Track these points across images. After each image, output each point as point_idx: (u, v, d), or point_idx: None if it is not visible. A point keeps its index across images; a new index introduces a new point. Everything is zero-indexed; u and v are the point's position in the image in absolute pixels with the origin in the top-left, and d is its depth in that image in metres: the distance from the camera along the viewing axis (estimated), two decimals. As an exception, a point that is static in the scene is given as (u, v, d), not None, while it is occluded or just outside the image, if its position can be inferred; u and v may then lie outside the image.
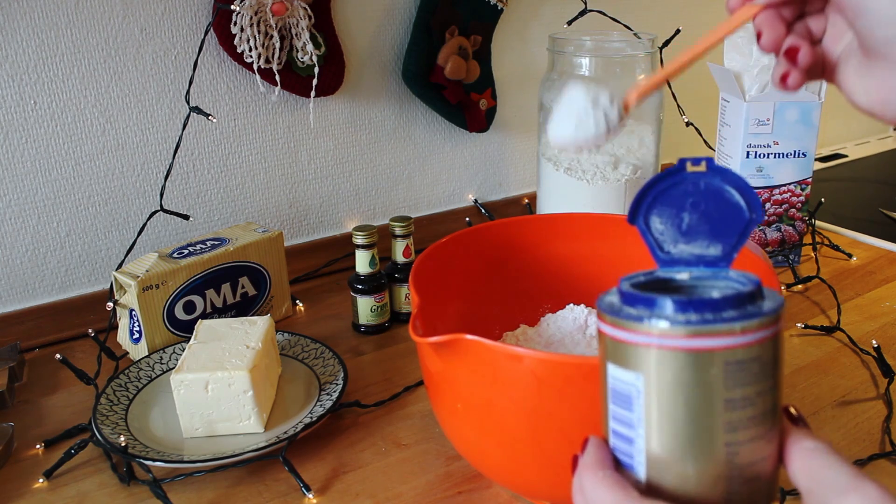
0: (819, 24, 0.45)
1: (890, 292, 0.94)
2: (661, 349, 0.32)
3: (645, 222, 0.38)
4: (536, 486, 0.54)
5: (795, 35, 0.44)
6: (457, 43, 1.02)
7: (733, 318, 0.31)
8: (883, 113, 0.42)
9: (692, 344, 0.31)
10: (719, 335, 0.31)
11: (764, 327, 0.32)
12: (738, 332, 0.31)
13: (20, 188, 0.84)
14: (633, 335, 0.32)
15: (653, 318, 0.32)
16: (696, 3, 1.32)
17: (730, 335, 0.31)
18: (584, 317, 0.66)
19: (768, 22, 0.44)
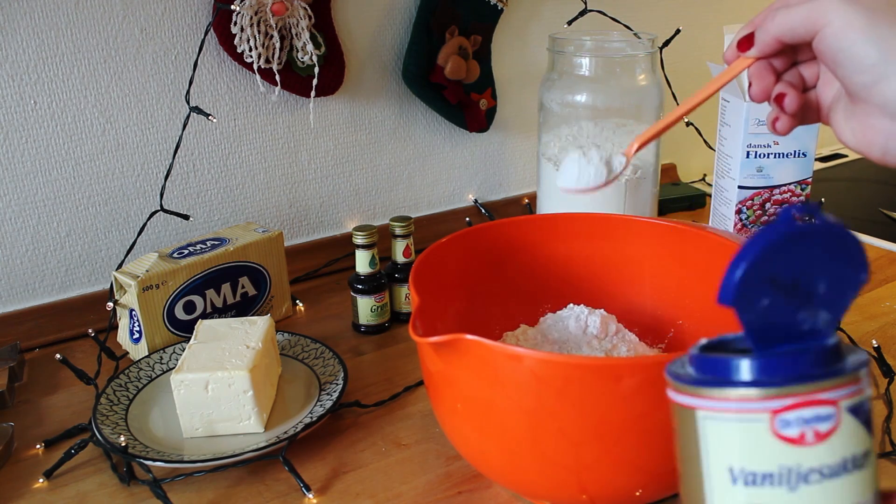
0: (812, 71, 0.49)
1: (890, 292, 0.94)
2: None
3: (746, 304, 0.30)
4: (536, 486, 0.54)
5: (784, 83, 0.48)
6: (457, 43, 1.02)
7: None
8: (869, 152, 0.45)
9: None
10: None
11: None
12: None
13: (20, 188, 0.84)
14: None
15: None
16: (696, 3, 1.32)
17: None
18: (584, 317, 0.66)
19: (758, 73, 0.48)
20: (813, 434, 0.29)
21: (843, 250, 0.31)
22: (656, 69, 0.94)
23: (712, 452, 0.31)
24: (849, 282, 0.31)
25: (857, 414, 0.30)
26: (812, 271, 0.31)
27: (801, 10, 0.44)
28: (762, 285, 0.30)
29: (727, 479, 0.30)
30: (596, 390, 0.48)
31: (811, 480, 0.29)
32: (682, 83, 1.19)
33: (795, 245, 0.30)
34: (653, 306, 0.71)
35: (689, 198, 1.24)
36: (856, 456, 0.30)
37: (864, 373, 0.30)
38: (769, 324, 0.31)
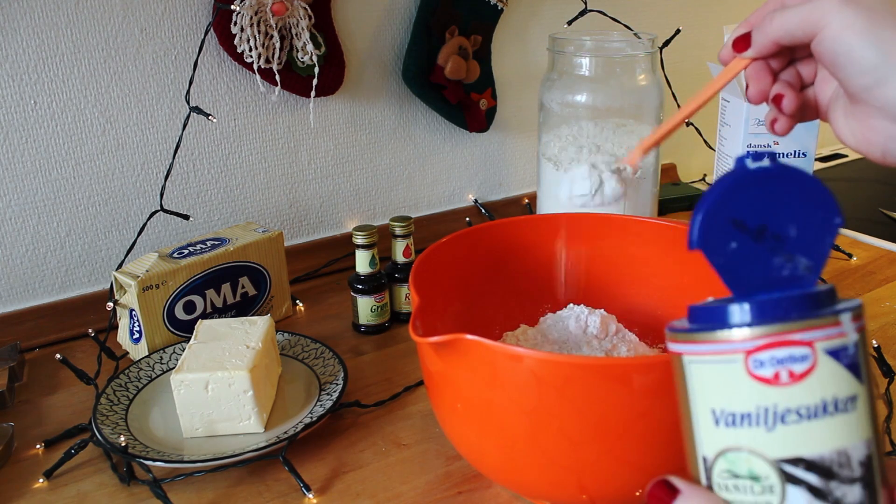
0: (809, 69, 0.48)
1: (890, 292, 0.94)
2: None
3: (711, 247, 0.32)
4: (536, 486, 0.54)
5: (782, 83, 0.47)
6: (457, 43, 1.02)
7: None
8: (868, 152, 0.45)
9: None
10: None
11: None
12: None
13: (20, 188, 0.84)
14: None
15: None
16: (696, 3, 1.32)
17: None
18: (584, 317, 0.66)
19: (755, 74, 0.48)
20: (787, 374, 0.30)
21: (808, 195, 0.32)
22: (656, 69, 0.94)
23: (697, 395, 0.32)
24: (822, 226, 0.32)
25: (839, 357, 0.30)
26: (778, 215, 0.32)
27: (799, 12, 0.43)
28: (726, 228, 0.31)
29: (711, 421, 0.31)
30: (596, 390, 0.48)
31: (788, 421, 0.30)
32: (682, 83, 1.19)
33: (753, 187, 0.31)
34: (653, 306, 0.71)
35: (689, 198, 1.24)
36: (838, 399, 0.30)
37: (848, 317, 0.30)
38: (743, 269, 0.32)
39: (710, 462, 0.32)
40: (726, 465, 0.31)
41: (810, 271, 0.32)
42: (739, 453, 0.31)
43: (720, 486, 0.32)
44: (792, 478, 0.30)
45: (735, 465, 0.31)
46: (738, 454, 0.31)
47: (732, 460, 0.31)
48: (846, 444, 0.30)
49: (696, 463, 0.33)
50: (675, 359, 0.33)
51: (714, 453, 0.32)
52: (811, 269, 0.32)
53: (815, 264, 0.32)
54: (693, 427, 0.33)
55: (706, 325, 0.32)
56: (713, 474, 0.32)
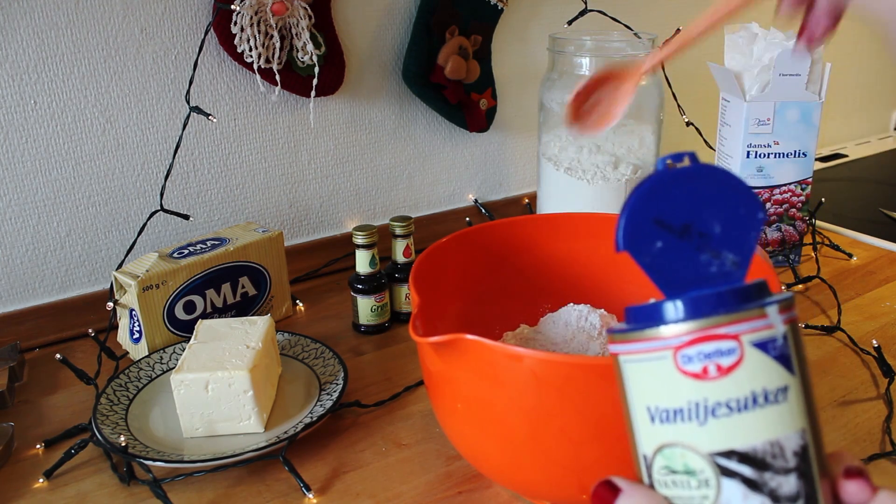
0: None
1: (890, 292, 0.94)
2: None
3: (637, 247, 0.32)
4: (536, 486, 0.54)
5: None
6: (457, 43, 1.02)
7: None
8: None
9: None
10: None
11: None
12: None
13: (20, 188, 0.84)
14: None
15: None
16: (696, 4, 1.32)
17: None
18: (584, 317, 0.66)
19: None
20: (715, 368, 0.30)
21: (729, 192, 0.32)
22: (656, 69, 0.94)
23: (634, 394, 0.33)
24: (746, 221, 0.32)
25: (767, 349, 0.30)
26: (702, 213, 0.32)
27: None
28: (650, 228, 0.32)
29: (647, 419, 0.32)
30: (596, 390, 0.48)
31: (719, 414, 0.30)
32: (682, 83, 1.19)
33: (674, 187, 0.32)
34: (653, 306, 0.71)
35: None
36: (768, 390, 0.30)
37: (774, 309, 0.31)
38: (671, 268, 0.32)
39: (650, 459, 0.32)
40: (664, 461, 0.32)
41: (737, 266, 0.32)
42: (674, 449, 0.31)
43: (660, 483, 0.32)
44: (726, 470, 0.30)
45: (671, 461, 0.31)
46: (674, 450, 0.31)
47: (669, 456, 0.31)
48: (778, 435, 0.30)
49: (638, 461, 0.33)
50: (613, 360, 0.34)
51: (652, 450, 0.32)
52: (738, 265, 0.32)
53: (741, 259, 0.32)
54: (632, 426, 0.33)
55: (638, 324, 0.32)
56: (653, 471, 0.32)
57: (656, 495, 0.32)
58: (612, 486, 0.33)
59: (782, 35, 0.91)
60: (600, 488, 0.34)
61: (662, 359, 0.31)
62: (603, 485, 0.34)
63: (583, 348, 0.64)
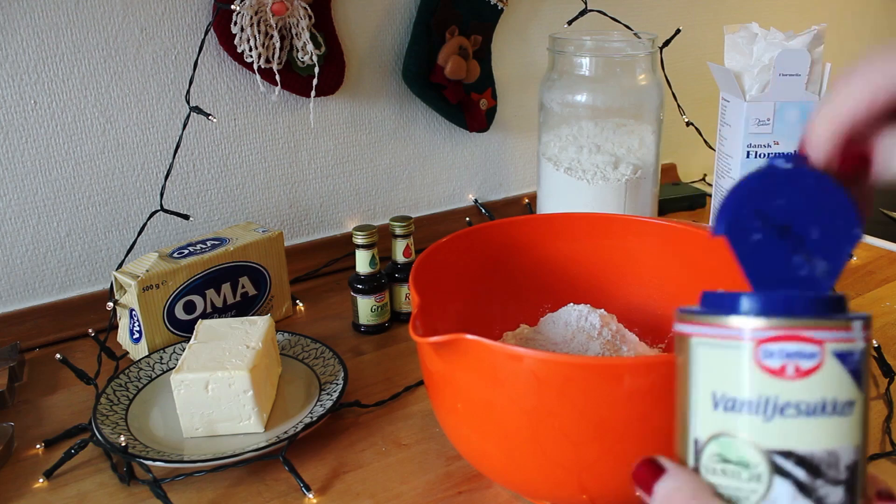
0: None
1: (890, 292, 0.94)
2: None
3: (736, 234, 0.33)
4: (536, 485, 0.54)
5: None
6: (457, 43, 1.02)
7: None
8: None
9: None
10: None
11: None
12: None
13: (20, 188, 0.84)
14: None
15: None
16: (696, 3, 1.32)
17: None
18: (584, 317, 0.66)
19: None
20: (794, 369, 0.30)
21: (832, 202, 0.33)
22: (656, 69, 0.94)
23: (700, 377, 0.32)
24: (842, 234, 0.33)
25: (845, 361, 0.31)
26: (802, 216, 0.32)
27: (866, 72, 0.34)
28: (752, 218, 0.32)
29: (710, 404, 0.32)
30: (596, 390, 0.48)
31: (787, 414, 0.30)
32: (682, 83, 1.19)
33: (781, 185, 0.33)
34: (653, 306, 0.71)
35: (689, 198, 1.24)
36: (837, 401, 0.30)
37: (859, 325, 0.31)
38: (764, 262, 0.32)
39: (702, 444, 0.32)
40: (718, 448, 0.32)
41: (827, 275, 0.32)
42: (733, 439, 0.31)
43: (708, 469, 0.32)
44: (781, 470, 0.30)
45: (727, 450, 0.31)
46: (732, 440, 0.31)
47: (725, 445, 0.31)
48: (837, 446, 0.30)
49: (687, 444, 0.33)
50: (680, 340, 0.34)
51: (707, 436, 0.32)
52: (828, 274, 0.32)
53: (832, 269, 0.32)
54: (689, 408, 0.33)
55: (721, 309, 0.32)
56: (703, 457, 0.32)
57: (701, 480, 0.32)
58: (656, 466, 0.33)
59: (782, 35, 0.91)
60: (642, 468, 0.33)
61: (740, 349, 0.31)
62: (646, 463, 0.33)
63: (583, 348, 0.64)
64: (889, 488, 0.32)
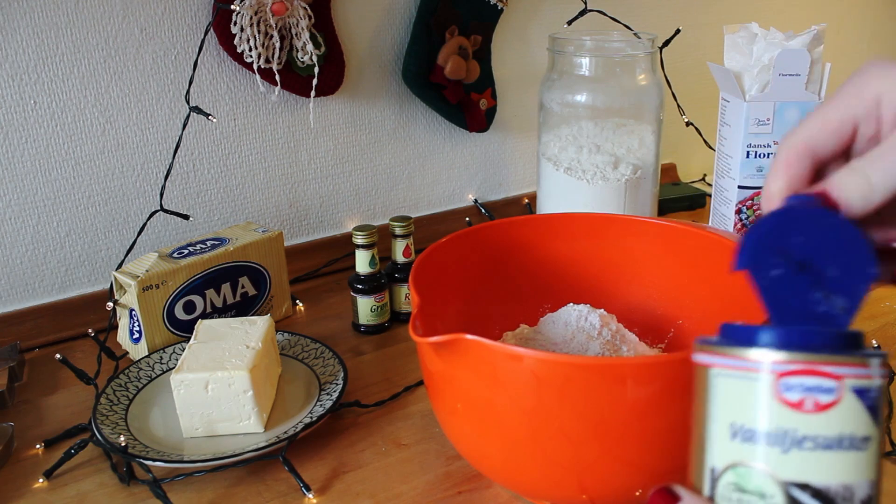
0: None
1: (890, 292, 0.94)
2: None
3: (757, 269, 0.34)
4: (536, 486, 0.54)
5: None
6: (457, 43, 1.02)
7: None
8: None
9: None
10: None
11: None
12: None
13: (20, 188, 0.84)
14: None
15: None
16: (696, 4, 1.32)
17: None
18: (584, 317, 0.66)
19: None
20: (813, 403, 0.31)
21: (849, 242, 0.34)
22: (656, 69, 0.94)
23: (718, 407, 0.33)
24: (859, 273, 0.34)
25: (863, 397, 0.31)
26: (821, 254, 0.34)
27: (839, 102, 0.36)
28: (773, 254, 0.34)
29: (727, 434, 0.32)
30: (596, 390, 0.48)
31: (804, 447, 0.31)
32: (682, 83, 1.19)
33: (801, 224, 0.34)
34: (653, 306, 0.71)
35: (689, 198, 1.24)
36: (854, 437, 0.31)
37: (877, 363, 0.32)
38: (783, 296, 0.34)
39: (718, 473, 0.33)
40: (735, 478, 0.32)
41: (845, 312, 0.33)
42: (750, 469, 0.32)
43: (723, 498, 0.32)
44: (797, 501, 0.31)
45: (744, 480, 0.32)
46: (749, 470, 0.32)
47: (742, 475, 0.32)
48: (853, 481, 0.31)
49: (703, 472, 0.33)
50: (700, 370, 0.34)
51: (724, 465, 0.32)
52: (846, 311, 0.33)
53: (849, 306, 0.34)
54: (706, 437, 0.33)
55: (741, 341, 0.33)
56: (718, 485, 0.33)
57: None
58: (671, 494, 0.33)
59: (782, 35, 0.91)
60: (657, 496, 0.33)
61: (759, 381, 0.32)
62: (661, 492, 0.33)
63: (583, 348, 0.64)
64: None
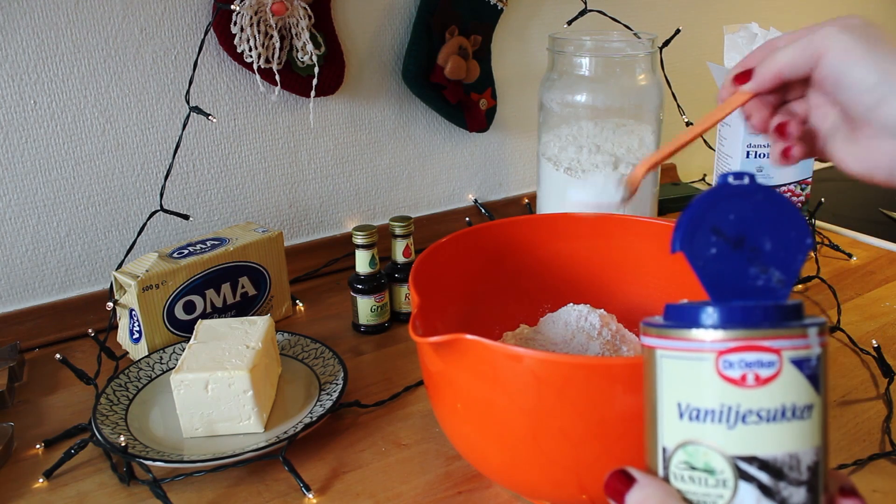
0: (801, 107, 0.50)
1: (890, 292, 0.94)
2: None
3: (693, 249, 0.34)
4: (536, 485, 0.54)
5: (783, 113, 0.50)
6: (457, 43, 1.02)
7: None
8: (874, 175, 0.47)
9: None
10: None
11: None
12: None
13: (20, 188, 0.84)
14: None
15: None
16: (696, 3, 1.32)
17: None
18: (584, 316, 0.66)
19: (756, 106, 0.50)
20: (753, 377, 0.32)
21: (782, 214, 0.35)
22: (656, 69, 0.94)
23: (666, 389, 0.34)
24: (795, 244, 0.34)
25: (802, 368, 0.32)
26: (756, 229, 0.34)
27: (799, 44, 0.46)
28: (707, 234, 0.34)
29: (675, 414, 0.33)
30: (596, 390, 0.48)
31: (749, 421, 0.32)
32: (682, 83, 1.19)
33: (734, 201, 0.34)
34: (653, 306, 0.71)
35: (689, 198, 1.24)
36: (796, 406, 0.32)
37: (814, 331, 0.33)
38: (721, 275, 0.34)
39: (670, 453, 0.34)
40: (685, 456, 0.33)
41: (783, 284, 0.34)
42: (699, 447, 0.33)
43: (676, 477, 0.33)
44: (745, 474, 0.32)
45: (693, 458, 0.33)
46: (698, 447, 0.33)
47: (691, 453, 0.33)
48: (798, 449, 0.32)
49: (656, 453, 0.34)
50: (647, 352, 0.35)
51: (674, 444, 0.33)
52: (783, 283, 0.34)
53: (787, 279, 0.34)
54: (657, 418, 0.34)
55: (683, 322, 0.34)
56: (671, 464, 0.34)
57: (670, 488, 0.33)
58: (626, 476, 0.34)
59: (782, 35, 0.90)
60: (613, 478, 0.35)
61: (702, 360, 0.32)
62: (617, 474, 0.35)
63: (583, 348, 0.64)
64: (852, 484, 0.34)
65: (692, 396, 0.33)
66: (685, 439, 0.33)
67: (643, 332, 0.35)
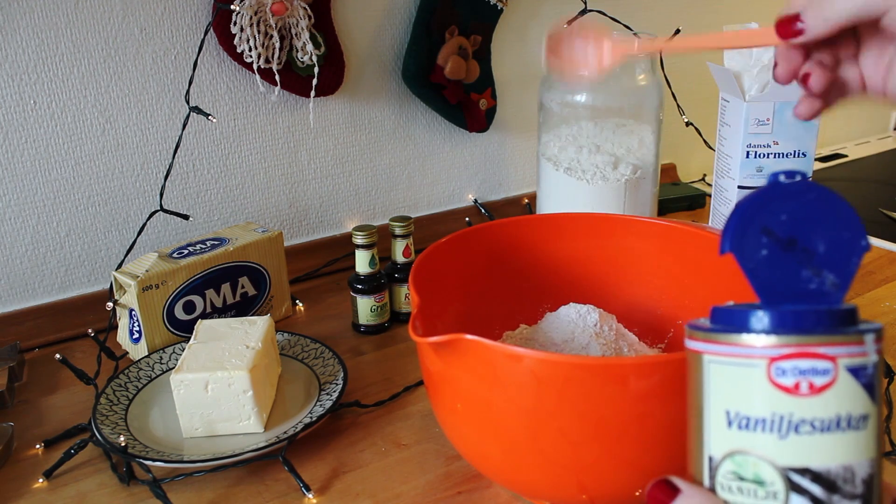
0: (848, 49, 0.47)
1: (890, 292, 0.94)
2: None
3: (743, 251, 0.33)
4: (536, 486, 0.54)
5: (812, 62, 0.46)
6: (457, 43, 1.02)
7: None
8: None
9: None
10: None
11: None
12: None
13: (20, 188, 0.84)
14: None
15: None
16: (696, 4, 1.32)
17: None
18: (583, 316, 0.66)
19: (786, 53, 0.46)
20: (807, 385, 0.30)
21: (837, 214, 0.33)
22: (656, 69, 0.94)
23: (713, 395, 0.32)
24: (849, 246, 0.33)
25: (858, 376, 0.31)
26: (808, 230, 0.32)
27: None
28: (758, 235, 0.32)
29: (724, 422, 0.32)
30: (596, 390, 0.48)
31: (802, 431, 0.30)
32: (682, 83, 1.19)
33: (785, 200, 0.33)
34: (653, 306, 0.71)
35: (689, 198, 1.24)
36: (851, 416, 0.31)
37: (871, 338, 0.31)
38: (772, 277, 0.32)
39: (717, 462, 0.32)
40: (733, 466, 0.32)
41: (837, 288, 0.32)
42: (748, 456, 0.31)
43: (723, 487, 0.32)
44: (797, 487, 0.30)
45: (742, 468, 0.31)
46: (747, 457, 0.31)
47: (740, 463, 0.31)
48: (853, 461, 0.31)
49: (701, 462, 0.33)
50: (692, 357, 0.34)
51: (722, 454, 0.32)
52: (837, 286, 0.32)
53: (841, 282, 0.33)
54: (703, 426, 0.33)
55: (732, 326, 0.32)
56: (717, 474, 0.32)
57: (717, 499, 0.32)
58: (670, 486, 0.33)
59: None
60: (656, 488, 0.33)
61: (753, 366, 0.31)
62: (660, 484, 0.33)
63: (583, 348, 0.64)
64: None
65: (741, 404, 0.31)
66: (734, 448, 0.32)
67: (688, 335, 0.34)
